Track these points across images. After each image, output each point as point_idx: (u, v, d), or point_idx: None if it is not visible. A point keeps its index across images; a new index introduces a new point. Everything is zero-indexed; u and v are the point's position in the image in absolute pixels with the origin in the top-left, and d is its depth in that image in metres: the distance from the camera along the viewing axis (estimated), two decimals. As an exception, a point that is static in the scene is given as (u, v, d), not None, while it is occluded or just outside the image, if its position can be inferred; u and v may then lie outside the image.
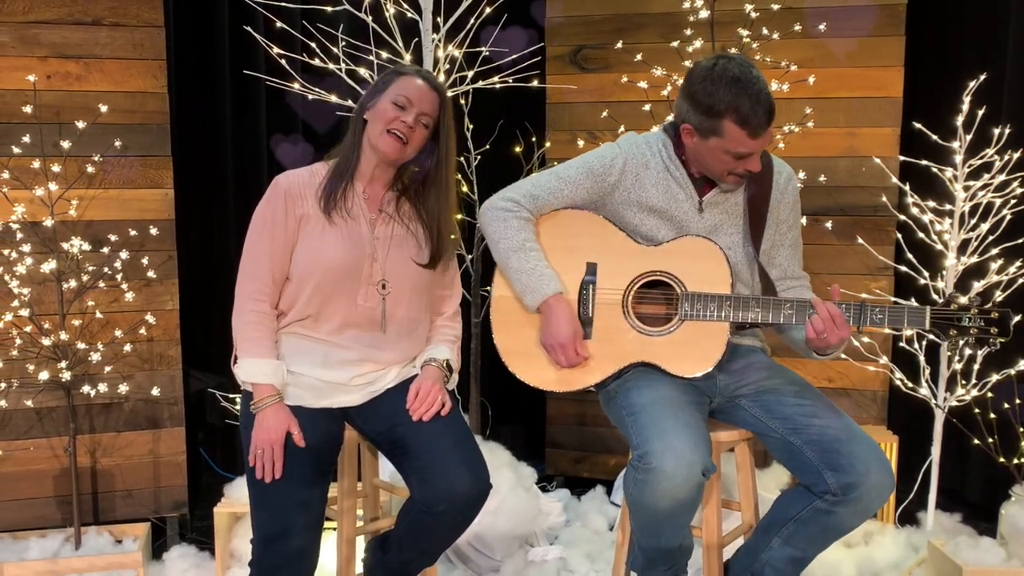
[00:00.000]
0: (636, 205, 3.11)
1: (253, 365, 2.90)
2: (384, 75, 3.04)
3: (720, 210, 3.11)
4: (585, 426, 5.21)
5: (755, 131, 2.86)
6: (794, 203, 3.20)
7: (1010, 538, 3.81)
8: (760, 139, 2.89)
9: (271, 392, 2.87)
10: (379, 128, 2.93)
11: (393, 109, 2.92)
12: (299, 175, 3.02)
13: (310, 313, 2.96)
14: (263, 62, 4.75)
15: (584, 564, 4.18)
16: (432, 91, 2.99)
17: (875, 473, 2.79)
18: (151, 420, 4.44)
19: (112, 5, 4.20)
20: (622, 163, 3.12)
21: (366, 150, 3.01)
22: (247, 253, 2.98)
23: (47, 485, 4.33)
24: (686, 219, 3.10)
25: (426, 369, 3.06)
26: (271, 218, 2.94)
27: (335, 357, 2.97)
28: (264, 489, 2.83)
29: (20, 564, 3.94)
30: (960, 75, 4.34)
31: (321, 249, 2.92)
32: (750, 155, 2.93)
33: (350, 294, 2.95)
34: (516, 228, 3.09)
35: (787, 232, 3.20)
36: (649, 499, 2.77)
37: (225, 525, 4.01)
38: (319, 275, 2.92)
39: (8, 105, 4.11)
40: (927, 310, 2.89)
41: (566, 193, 3.13)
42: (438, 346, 3.14)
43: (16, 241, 4.08)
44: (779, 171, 3.17)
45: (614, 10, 4.92)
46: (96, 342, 4.19)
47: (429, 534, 2.94)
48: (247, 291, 2.96)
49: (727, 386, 3.11)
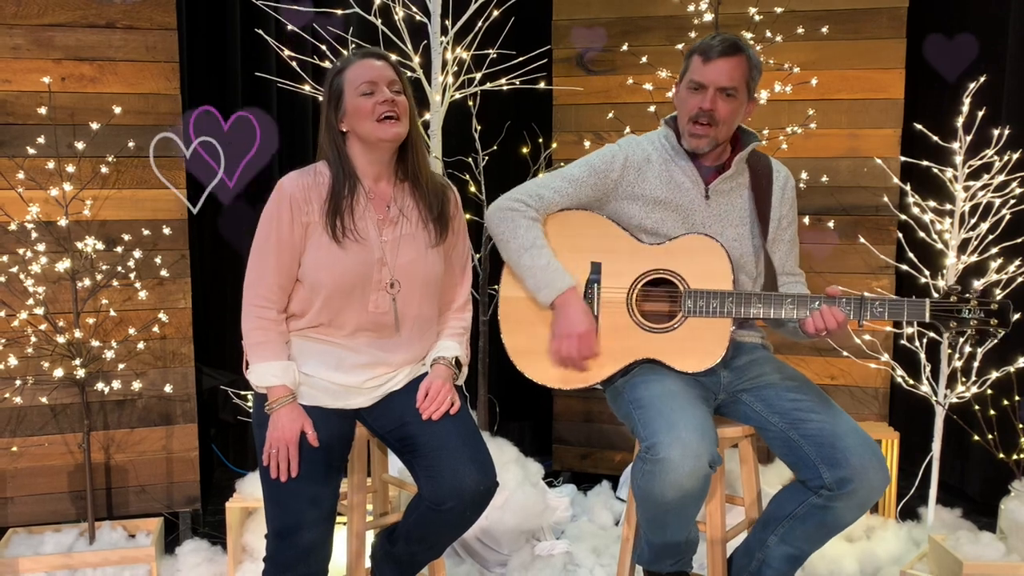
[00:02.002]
0: (640, 199, 3.15)
1: (263, 369, 2.89)
2: (331, 77, 2.94)
3: (727, 199, 3.17)
4: (591, 423, 5.24)
5: (707, 56, 3.04)
6: (792, 202, 3.26)
7: (1010, 533, 3.83)
8: (711, 65, 3.04)
9: (284, 393, 2.87)
10: (367, 124, 2.86)
11: (365, 100, 2.86)
12: (303, 179, 2.92)
13: (322, 321, 2.94)
14: (274, 64, 4.79)
15: (590, 558, 4.20)
16: (380, 60, 2.92)
17: (870, 468, 2.81)
18: (164, 417, 4.46)
19: (126, 8, 4.23)
20: (623, 160, 3.18)
21: (360, 152, 2.94)
22: (253, 260, 2.95)
23: (62, 481, 4.36)
24: (692, 207, 3.14)
25: (435, 368, 3.05)
26: (276, 227, 2.89)
27: (348, 361, 2.96)
28: (277, 485, 2.84)
29: (35, 558, 3.97)
30: (960, 77, 4.37)
31: (330, 262, 2.88)
32: (705, 87, 3.05)
33: (361, 302, 2.92)
34: (525, 227, 3.12)
35: (786, 228, 3.25)
36: (657, 490, 2.79)
37: (237, 520, 4.01)
38: (329, 288, 2.89)
39: (23, 107, 4.14)
40: (927, 302, 2.91)
41: (570, 192, 3.17)
42: (447, 341, 3.12)
43: (31, 240, 4.12)
44: (778, 171, 3.25)
45: (619, 13, 4.96)
46: (110, 340, 4.23)
47: (436, 529, 2.96)
48: (252, 298, 2.93)
49: (730, 382, 3.14)
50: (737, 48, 3.05)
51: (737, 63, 3.04)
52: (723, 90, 3.04)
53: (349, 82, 2.88)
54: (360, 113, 2.86)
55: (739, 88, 3.05)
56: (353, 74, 2.89)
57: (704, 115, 3.05)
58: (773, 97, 4.45)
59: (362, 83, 2.86)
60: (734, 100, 3.05)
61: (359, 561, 3.18)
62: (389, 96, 2.86)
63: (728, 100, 3.04)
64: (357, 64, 2.91)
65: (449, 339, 3.14)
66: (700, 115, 3.06)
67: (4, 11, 4.10)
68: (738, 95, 3.06)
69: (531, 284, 3.10)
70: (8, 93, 4.13)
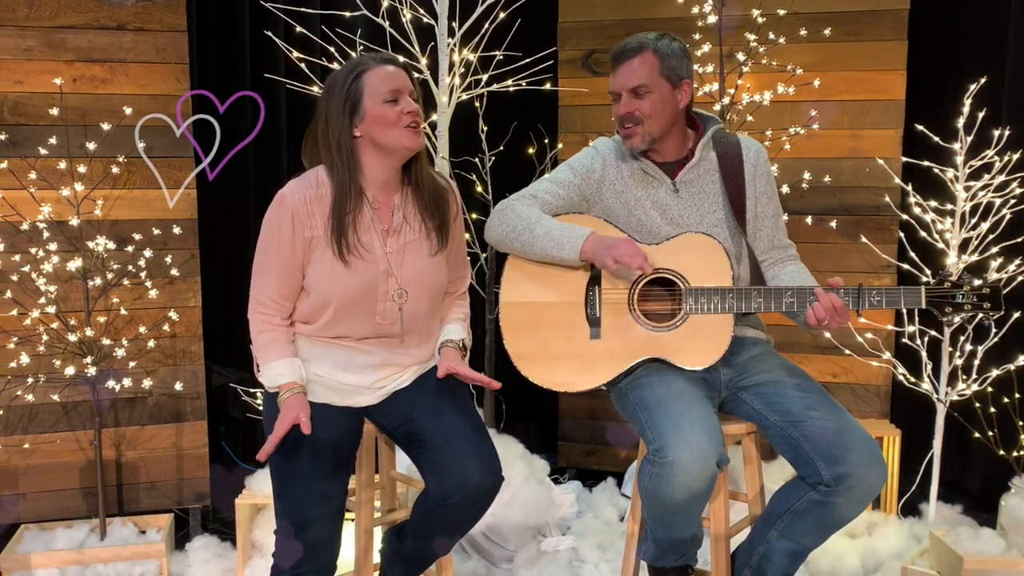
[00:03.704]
0: (622, 196, 3.20)
1: (271, 369, 2.89)
2: (345, 80, 2.85)
3: (697, 189, 3.18)
4: (596, 420, 5.26)
5: (612, 65, 3.15)
6: (768, 176, 3.25)
7: (1010, 529, 3.84)
8: (615, 73, 3.14)
9: (292, 386, 2.87)
10: (394, 131, 2.83)
11: (390, 107, 2.82)
12: (304, 190, 2.86)
13: (329, 332, 2.96)
14: (283, 65, 4.82)
15: (595, 554, 4.21)
16: (402, 71, 2.90)
17: (867, 464, 2.82)
18: (174, 414, 4.50)
19: (136, 10, 4.27)
20: (602, 160, 3.25)
21: (374, 159, 2.90)
22: (256, 269, 2.95)
23: (73, 477, 4.40)
24: (666, 203, 3.17)
25: (446, 351, 3.07)
26: (277, 241, 2.87)
27: (357, 362, 2.97)
28: (286, 482, 2.87)
29: (47, 554, 4.00)
30: (961, 78, 4.40)
31: (336, 278, 2.87)
32: (619, 94, 3.13)
33: (368, 312, 2.92)
34: (525, 209, 3.14)
35: (768, 203, 3.24)
36: (666, 492, 2.80)
37: (246, 516, 4.04)
38: (337, 303, 2.89)
39: (35, 107, 4.18)
40: (922, 289, 2.94)
41: (561, 194, 3.20)
42: (452, 325, 3.15)
43: (43, 240, 4.15)
44: (747, 147, 3.25)
45: (624, 15, 4.99)
46: (121, 338, 4.27)
47: (443, 525, 2.96)
48: (256, 305, 2.95)
49: (730, 380, 3.15)
50: (636, 48, 3.09)
51: (641, 60, 3.08)
52: (634, 91, 3.08)
53: (371, 87, 2.83)
54: (385, 121, 2.82)
55: (650, 82, 3.07)
56: (375, 79, 2.84)
57: (625, 119, 3.12)
58: (776, 98, 4.48)
59: (387, 90, 2.82)
60: (651, 95, 3.08)
61: (367, 557, 3.19)
62: (415, 107, 2.86)
63: (643, 98, 3.08)
64: (377, 70, 2.85)
65: (454, 322, 3.17)
66: (622, 120, 3.13)
67: (17, 13, 4.14)
68: (653, 89, 3.08)
69: (552, 249, 3.06)
70: (20, 94, 4.17)
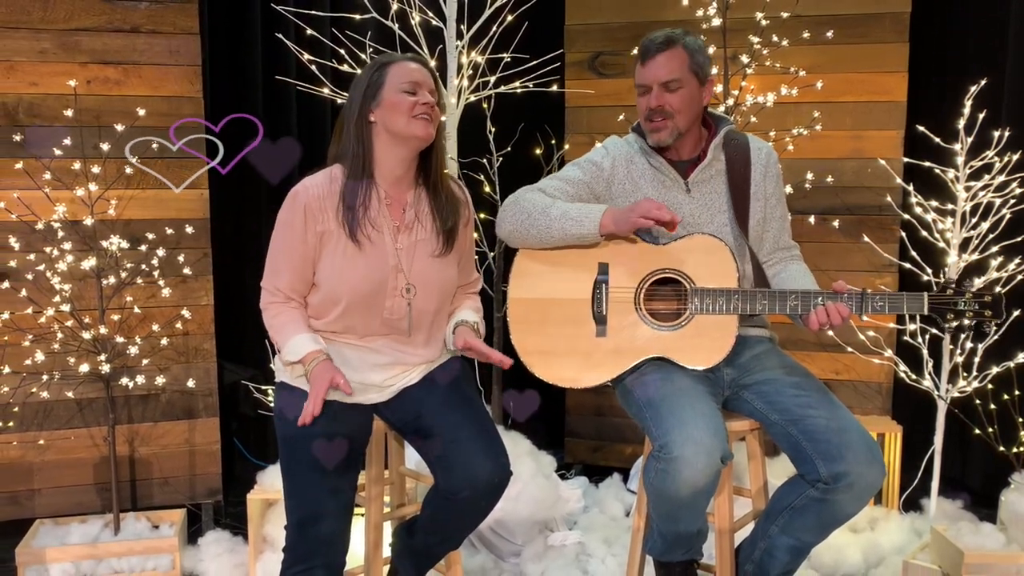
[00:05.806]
0: (635, 197, 3.19)
1: (292, 344, 2.89)
2: (371, 71, 2.96)
3: (707, 189, 3.20)
4: (602, 416, 5.30)
5: (643, 58, 3.13)
6: (777, 177, 3.28)
7: (1009, 524, 3.86)
8: (647, 65, 3.12)
9: (317, 354, 2.87)
10: (403, 119, 2.89)
11: (406, 96, 2.89)
12: (318, 186, 2.92)
13: (339, 328, 2.99)
14: (294, 68, 4.84)
15: (602, 548, 4.23)
16: (426, 70, 2.98)
17: (865, 463, 2.84)
18: (187, 411, 4.55)
19: (150, 13, 4.32)
20: (612, 158, 3.26)
21: (386, 147, 2.95)
22: (269, 264, 3.00)
23: (87, 473, 4.45)
24: (678, 203, 3.18)
25: (461, 330, 3.09)
26: (289, 235, 2.92)
27: (368, 360, 3.00)
28: (297, 477, 2.89)
29: (61, 548, 4.03)
30: (962, 80, 4.41)
31: (346, 273, 2.91)
32: (648, 87, 3.13)
33: (377, 308, 2.96)
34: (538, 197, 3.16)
35: (776, 205, 3.27)
36: (671, 488, 2.82)
37: (258, 511, 4.06)
38: (346, 297, 2.92)
39: (50, 109, 4.23)
40: (924, 296, 2.96)
41: (570, 192, 3.20)
42: (466, 310, 3.17)
43: (58, 239, 4.19)
44: (758, 148, 3.27)
45: (630, 18, 5.02)
46: (134, 336, 4.32)
47: (452, 519, 3.00)
48: (267, 296, 3.00)
49: (732, 379, 3.17)
50: (669, 41, 3.10)
51: (672, 55, 3.09)
52: (665, 84, 3.10)
53: (393, 76, 2.92)
54: (399, 107, 2.89)
55: (682, 77, 3.09)
56: (399, 70, 2.93)
57: (655, 112, 3.12)
58: (779, 100, 4.52)
59: (407, 81, 2.91)
60: (681, 90, 3.10)
61: (376, 552, 3.21)
62: (431, 101, 2.92)
63: (675, 92, 3.10)
64: (404, 63, 2.96)
65: (466, 308, 3.20)
66: (652, 113, 3.13)
67: (32, 16, 4.19)
68: (684, 84, 3.10)
69: (571, 228, 3.07)
70: (35, 95, 4.22)
